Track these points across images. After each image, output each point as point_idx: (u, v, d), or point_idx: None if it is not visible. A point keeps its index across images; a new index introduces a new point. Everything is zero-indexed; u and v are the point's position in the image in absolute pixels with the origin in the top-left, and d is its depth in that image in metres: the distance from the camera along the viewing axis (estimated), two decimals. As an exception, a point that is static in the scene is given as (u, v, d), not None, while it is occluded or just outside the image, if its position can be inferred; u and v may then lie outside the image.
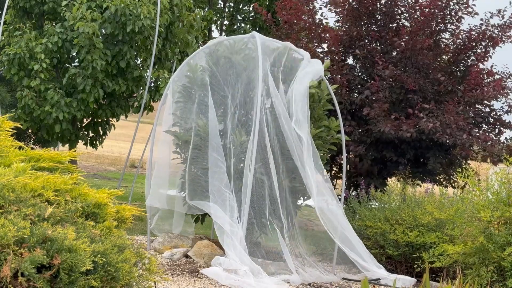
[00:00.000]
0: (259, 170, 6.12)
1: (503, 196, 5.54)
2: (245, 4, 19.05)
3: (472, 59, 10.38)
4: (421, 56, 9.95)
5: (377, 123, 9.32)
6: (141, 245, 3.18)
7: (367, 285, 3.37)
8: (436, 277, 6.40)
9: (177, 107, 6.76)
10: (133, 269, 2.89)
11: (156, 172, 6.78)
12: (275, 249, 6.56)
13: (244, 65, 6.42)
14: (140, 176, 16.33)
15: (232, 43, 6.64)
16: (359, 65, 10.66)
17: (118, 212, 3.32)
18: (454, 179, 10.39)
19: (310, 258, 6.69)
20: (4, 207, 2.71)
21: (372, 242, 6.91)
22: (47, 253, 2.56)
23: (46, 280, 2.52)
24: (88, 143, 12.31)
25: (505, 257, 5.22)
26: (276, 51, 6.61)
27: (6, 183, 2.78)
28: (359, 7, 10.41)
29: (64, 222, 2.82)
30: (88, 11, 10.63)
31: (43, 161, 3.43)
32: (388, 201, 7.34)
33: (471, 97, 9.74)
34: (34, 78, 10.67)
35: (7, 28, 11.28)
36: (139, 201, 11.30)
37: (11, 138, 3.62)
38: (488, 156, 9.66)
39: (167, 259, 6.25)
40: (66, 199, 2.98)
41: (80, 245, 2.63)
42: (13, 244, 2.51)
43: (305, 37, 10.86)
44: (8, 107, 15.16)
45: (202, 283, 5.29)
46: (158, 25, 10.87)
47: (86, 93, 10.78)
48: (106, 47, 10.92)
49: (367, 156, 9.80)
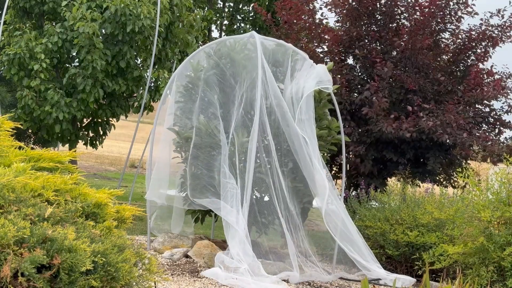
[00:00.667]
0: (259, 170, 6.13)
1: (503, 196, 5.54)
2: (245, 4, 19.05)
3: (472, 59, 10.38)
4: (421, 55, 9.95)
5: (377, 122, 9.32)
6: (141, 245, 3.18)
7: (367, 285, 3.37)
8: (436, 277, 6.40)
9: (178, 107, 6.76)
10: (133, 269, 2.89)
11: (156, 171, 6.78)
12: (275, 249, 6.56)
13: (244, 65, 6.42)
14: (140, 176, 16.33)
15: (232, 43, 6.64)
16: (359, 65, 10.66)
17: (118, 212, 3.32)
18: (454, 179, 10.39)
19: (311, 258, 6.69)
20: (4, 207, 2.71)
21: (372, 242, 6.91)
22: (47, 253, 2.56)
23: (46, 280, 2.52)
24: (88, 143, 12.31)
25: (505, 257, 5.22)
26: (276, 51, 6.61)
27: (6, 183, 2.78)
28: (359, 7, 10.41)
29: (64, 222, 2.82)
30: (88, 11, 10.63)
31: (43, 161, 3.43)
32: (388, 201, 7.34)
33: (471, 97, 9.74)
34: (34, 78, 10.68)
35: (7, 28, 11.28)
36: (139, 201, 11.30)
37: (11, 138, 3.63)
38: (488, 156, 9.65)
39: (167, 259, 6.25)
40: (66, 199, 2.98)
41: (80, 245, 2.63)
42: (13, 244, 2.51)
43: (305, 37, 10.85)
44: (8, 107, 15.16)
45: (202, 283, 5.29)
46: (158, 25, 10.86)
47: (86, 93, 10.78)
48: (106, 47, 10.92)
49: (368, 157, 9.80)
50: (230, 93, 6.38)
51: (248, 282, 5.20)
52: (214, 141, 6.30)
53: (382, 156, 9.85)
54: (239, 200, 5.85)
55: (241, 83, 6.36)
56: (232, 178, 6.00)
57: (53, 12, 11.44)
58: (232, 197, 5.88)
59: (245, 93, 6.30)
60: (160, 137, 6.92)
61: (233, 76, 6.44)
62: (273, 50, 6.59)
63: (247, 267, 5.37)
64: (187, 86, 6.76)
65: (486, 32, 10.24)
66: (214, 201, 6.09)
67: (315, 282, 5.90)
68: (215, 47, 6.68)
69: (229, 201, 5.88)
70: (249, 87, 6.30)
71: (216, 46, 6.68)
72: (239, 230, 5.64)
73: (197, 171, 6.45)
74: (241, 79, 6.37)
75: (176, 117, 6.80)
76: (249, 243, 5.64)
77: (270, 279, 5.39)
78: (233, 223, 5.70)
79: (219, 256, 5.61)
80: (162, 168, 6.86)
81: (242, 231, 5.64)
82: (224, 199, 5.92)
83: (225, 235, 5.78)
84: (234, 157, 6.19)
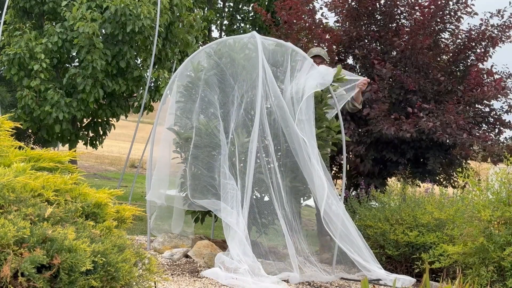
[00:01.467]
0: (259, 170, 6.12)
1: (503, 196, 5.54)
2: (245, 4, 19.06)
3: (472, 58, 10.38)
4: (421, 55, 9.95)
5: (377, 123, 9.33)
6: (141, 245, 3.18)
7: (367, 285, 3.37)
8: (436, 277, 6.40)
9: (178, 107, 6.76)
10: (133, 269, 2.89)
11: (156, 171, 6.78)
12: (275, 249, 6.56)
13: (244, 65, 6.41)
14: (140, 176, 16.33)
15: (232, 42, 6.63)
16: (359, 65, 10.66)
17: (118, 212, 3.32)
18: (454, 179, 10.38)
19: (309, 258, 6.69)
20: (4, 207, 2.71)
21: (372, 242, 6.91)
22: (47, 253, 2.56)
23: (46, 280, 2.52)
24: (88, 143, 12.32)
25: (505, 257, 5.22)
26: (276, 51, 6.60)
27: (6, 183, 2.78)
28: (358, 7, 10.41)
29: (64, 222, 2.82)
30: (88, 11, 10.64)
31: (43, 161, 3.44)
32: (388, 201, 7.34)
33: (471, 96, 9.74)
34: (34, 78, 10.68)
35: (7, 28, 11.29)
36: (139, 201, 11.31)
37: (11, 138, 3.63)
38: (488, 156, 9.65)
39: (167, 259, 6.25)
40: (66, 199, 2.98)
41: (80, 245, 2.63)
42: (13, 244, 2.51)
43: (304, 37, 10.85)
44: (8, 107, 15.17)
45: (202, 283, 5.29)
46: (158, 25, 10.87)
47: (86, 93, 10.79)
48: (106, 47, 10.92)
49: (368, 156, 9.80)
50: (230, 93, 6.38)
51: (248, 282, 5.21)
52: (214, 141, 6.30)
53: (382, 156, 9.85)
54: (239, 201, 5.85)
55: (241, 83, 6.36)
56: (232, 179, 6.00)
57: (53, 12, 11.44)
58: (232, 198, 5.88)
59: (245, 93, 6.30)
60: (160, 137, 6.92)
61: (233, 76, 6.44)
62: (273, 50, 6.58)
63: (247, 268, 5.38)
64: (187, 86, 6.76)
65: (486, 32, 10.24)
66: (214, 202, 6.08)
67: (315, 282, 5.90)
68: (216, 47, 6.68)
69: (229, 202, 5.88)
70: (249, 87, 6.30)
71: (216, 46, 6.68)
72: (239, 231, 5.64)
73: (197, 171, 6.45)
74: (242, 79, 6.37)
75: (176, 117, 6.80)
76: (249, 244, 5.64)
77: (270, 279, 5.40)
78: (233, 225, 5.70)
79: (219, 257, 5.62)
80: (162, 168, 6.86)
81: (242, 233, 5.64)
82: (224, 200, 5.92)
83: (225, 236, 5.79)
84: (234, 158, 6.19)
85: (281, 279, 5.62)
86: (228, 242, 5.70)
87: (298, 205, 6.49)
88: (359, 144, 9.70)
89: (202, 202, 6.21)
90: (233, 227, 5.69)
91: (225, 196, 5.92)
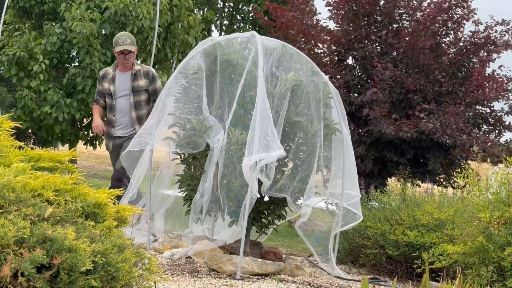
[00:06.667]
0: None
1: (503, 196, 5.54)
2: (245, 4, 19.07)
3: (473, 61, 10.40)
4: (422, 56, 9.95)
5: (377, 123, 9.33)
6: (141, 245, 3.18)
7: (367, 285, 3.37)
8: (436, 277, 6.40)
9: (176, 108, 6.75)
10: (133, 269, 2.89)
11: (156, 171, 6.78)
12: (274, 249, 6.55)
13: (243, 65, 6.41)
14: (140, 176, 16.30)
15: (230, 42, 6.63)
16: (359, 65, 10.66)
17: (118, 212, 3.32)
18: (454, 179, 10.39)
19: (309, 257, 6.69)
20: (4, 207, 2.71)
21: (372, 242, 6.91)
22: (47, 253, 2.55)
23: (46, 280, 2.52)
24: (88, 143, 12.32)
25: (505, 257, 5.22)
26: (275, 50, 6.60)
27: (6, 183, 2.78)
28: (356, 8, 10.41)
29: (64, 222, 2.82)
30: (87, 11, 10.63)
31: (43, 161, 3.43)
32: (388, 201, 7.34)
33: (472, 98, 9.75)
34: (34, 78, 10.68)
35: (7, 28, 11.29)
36: (139, 201, 11.28)
37: (11, 138, 3.62)
38: (488, 157, 9.67)
39: (167, 259, 6.25)
40: (66, 199, 2.98)
41: (80, 245, 2.63)
42: (13, 244, 2.51)
43: (302, 39, 10.84)
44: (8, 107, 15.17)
45: (202, 283, 5.29)
46: (158, 25, 10.87)
47: (86, 93, 10.78)
48: (106, 47, 10.92)
49: (368, 156, 9.80)
50: (229, 93, 6.38)
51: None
52: (212, 142, 6.29)
53: (382, 156, 9.86)
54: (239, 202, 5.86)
55: (240, 82, 6.35)
56: (232, 179, 6.01)
57: (53, 12, 11.45)
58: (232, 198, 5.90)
59: (244, 93, 6.30)
60: (160, 137, 6.91)
61: (233, 76, 6.44)
62: (272, 50, 6.58)
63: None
64: (185, 86, 6.75)
65: (489, 39, 10.26)
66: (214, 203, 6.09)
67: (315, 282, 5.89)
68: (213, 46, 6.66)
69: (228, 203, 5.89)
70: (248, 87, 6.30)
71: (214, 46, 6.67)
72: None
73: (196, 171, 6.45)
74: (241, 79, 6.37)
75: (175, 118, 6.80)
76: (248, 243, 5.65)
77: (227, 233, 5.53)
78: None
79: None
80: (162, 168, 6.86)
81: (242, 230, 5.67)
82: (223, 200, 5.94)
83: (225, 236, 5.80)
84: (234, 157, 6.18)
85: (281, 279, 5.63)
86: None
87: (299, 205, 6.48)
88: (359, 144, 9.71)
89: (202, 203, 6.23)
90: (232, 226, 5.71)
91: (225, 196, 5.98)
